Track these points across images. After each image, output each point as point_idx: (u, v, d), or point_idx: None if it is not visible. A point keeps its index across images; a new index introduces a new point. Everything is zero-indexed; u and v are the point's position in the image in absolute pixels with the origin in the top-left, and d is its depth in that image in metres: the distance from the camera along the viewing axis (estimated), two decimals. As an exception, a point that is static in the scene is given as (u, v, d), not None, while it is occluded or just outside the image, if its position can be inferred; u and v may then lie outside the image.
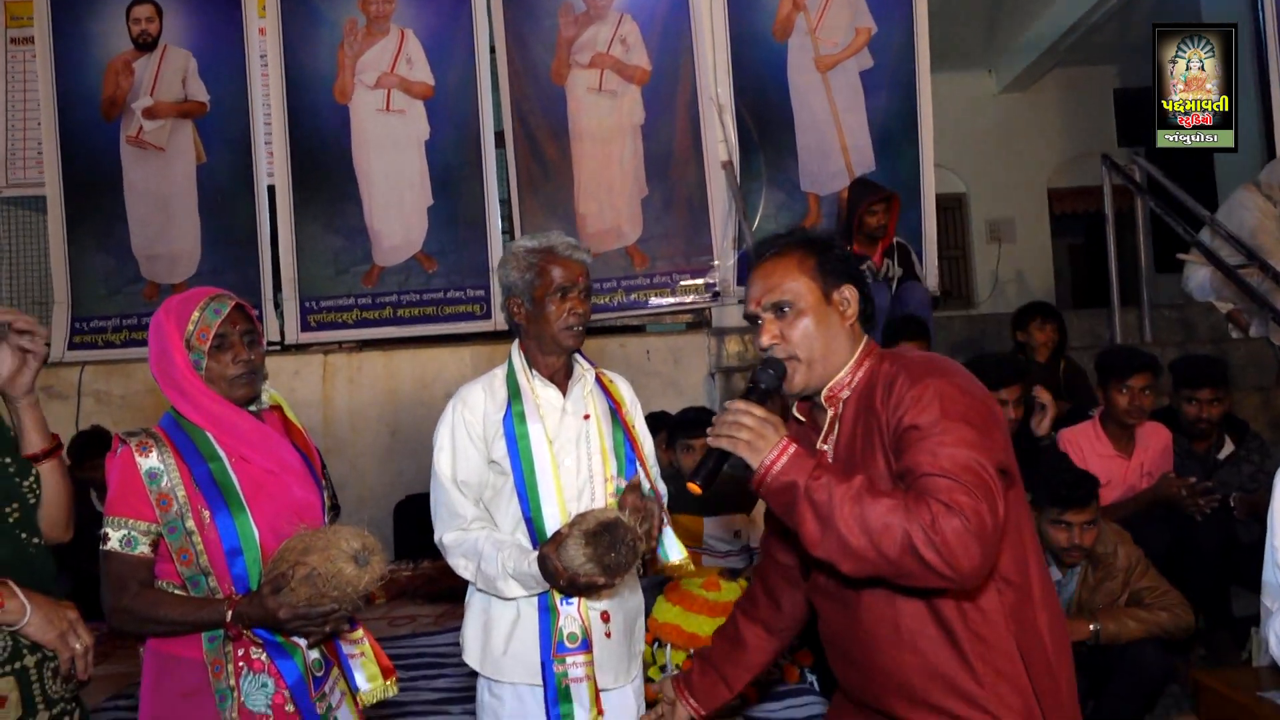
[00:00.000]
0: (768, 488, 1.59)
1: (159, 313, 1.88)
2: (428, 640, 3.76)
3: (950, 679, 1.61)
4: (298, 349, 5.45)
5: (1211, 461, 3.77)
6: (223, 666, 1.79)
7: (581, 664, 2.06)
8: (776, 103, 5.59)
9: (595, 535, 1.91)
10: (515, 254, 2.16)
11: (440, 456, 2.13)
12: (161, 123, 5.60)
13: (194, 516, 1.79)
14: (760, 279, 1.75)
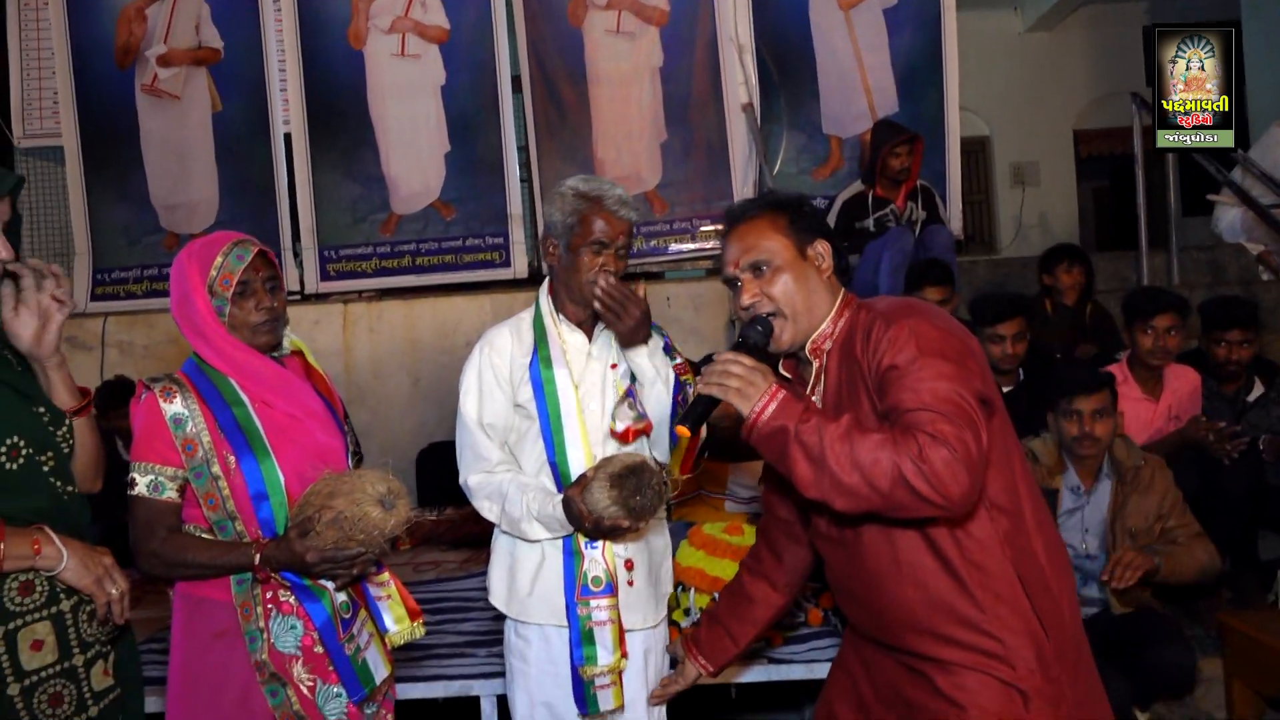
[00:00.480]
0: (759, 433, 1.63)
1: (181, 256, 1.87)
2: (452, 585, 3.78)
3: (952, 607, 1.67)
4: (318, 298, 5.45)
5: (1240, 404, 3.73)
6: (252, 609, 1.82)
7: (605, 608, 2.07)
8: (798, 43, 5.47)
9: (621, 478, 1.91)
10: (563, 194, 2.11)
11: (466, 399, 2.13)
12: (176, 70, 5.55)
13: (219, 461, 1.80)
14: (735, 242, 1.80)
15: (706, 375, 1.67)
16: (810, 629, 3.04)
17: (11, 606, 1.59)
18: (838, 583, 1.85)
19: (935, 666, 1.69)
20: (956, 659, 1.67)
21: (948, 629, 1.67)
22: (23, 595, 1.60)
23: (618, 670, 2.10)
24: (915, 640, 1.71)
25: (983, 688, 1.65)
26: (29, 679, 1.60)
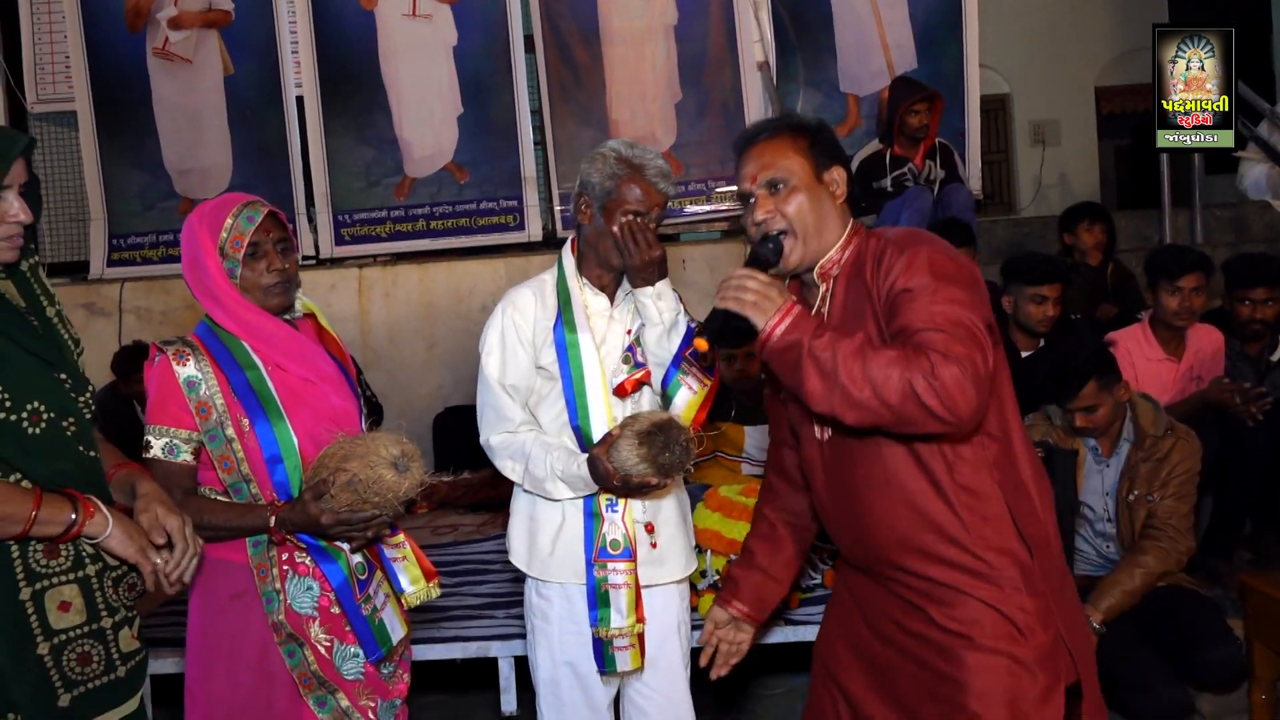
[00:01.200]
0: (773, 347, 1.66)
1: (191, 219, 1.86)
2: (470, 547, 3.80)
3: (941, 526, 1.72)
4: (332, 263, 5.44)
5: (1264, 364, 3.68)
6: (268, 570, 1.83)
7: (622, 571, 2.08)
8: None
9: (649, 435, 1.91)
10: (604, 155, 2.11)
11: (489, 359, 2.12)
12: (187, 33, 5.50)
13: (233, 424, 1.81)
14: (754, 158, 1.80)
15: (722, 289, 1.69)
16: (827, 590, 3.04)
17: (38, 568, 1.60)
18: (827, 509, 1.88)
19: (928, 597, 1.74)
20: (945, 578, 1.72)
21: (936, 547, 1.72)
22: (48, 558, 1.61)
23: (636, 633, 2.10)
24: (904, 557, 1.75)
25: (980, 616, 1.70)
26: (58, 638, 1.61)
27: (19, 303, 1.67)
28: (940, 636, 1.72)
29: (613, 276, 2.15)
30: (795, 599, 2.98)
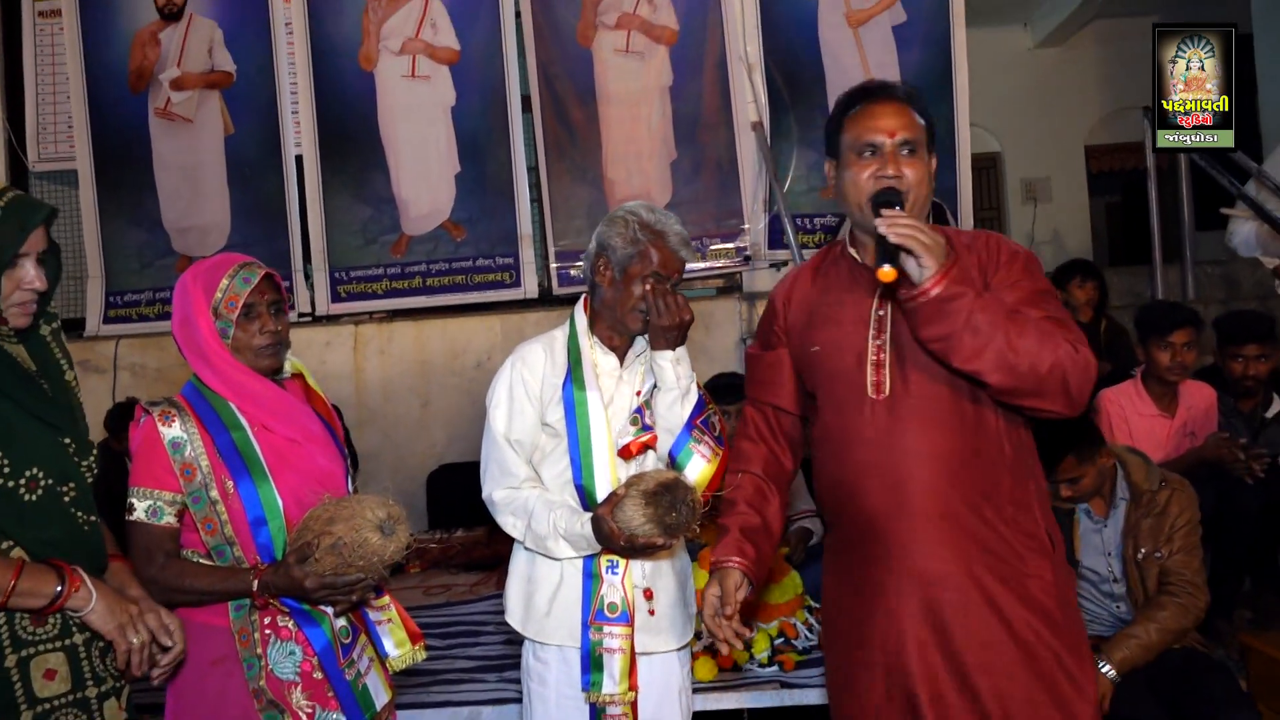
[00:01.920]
0: (939, 295, 1.61)
1: (185, 278, 1.87)
2: (463, 608, 3.77)
3: (1012, 494, 1.76)
4: (328, 320, 5.46)
5: (1258, 420, 3.67)
6: (249, 635, 1.80)
7: (618, 635, 2.05)
8: (807, 61, 5.47)
9: (655, 495, 1.89)
10: (627, 220, 2.11)
11: (496, 413, 2.11)
12: (189, 94, 5.59)
13: (218, 486, 1.79)
14: (894, 113, 1.78)
15: (893, 225, 1.62)
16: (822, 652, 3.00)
17: (24, 635, 1.58)
18: (865, 471, 1.78)
19: (1012, 569, 1.73)
20: (1020, 546, 1.74)
21: (1009, 510, 1.75)
22: (35, 626, 1.59)
23: (629, 701, 2.06)
24: (985, 508, 1.73)
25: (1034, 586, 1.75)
26: (41, 706, 1.58)
27: (29, 366, 1.68)
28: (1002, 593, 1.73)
29: (625, 338, 2.15)
30: (790, 661, 2.94)
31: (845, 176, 1.80)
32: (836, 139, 1.84)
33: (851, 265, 1.87)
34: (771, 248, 5.39)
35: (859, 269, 1.86)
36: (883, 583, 1.77)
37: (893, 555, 1.76)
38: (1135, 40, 8.81)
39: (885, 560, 1.77)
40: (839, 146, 1.83)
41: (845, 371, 1.81)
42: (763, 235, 5.39)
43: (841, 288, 1.88)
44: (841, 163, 1.82)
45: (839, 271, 1.90)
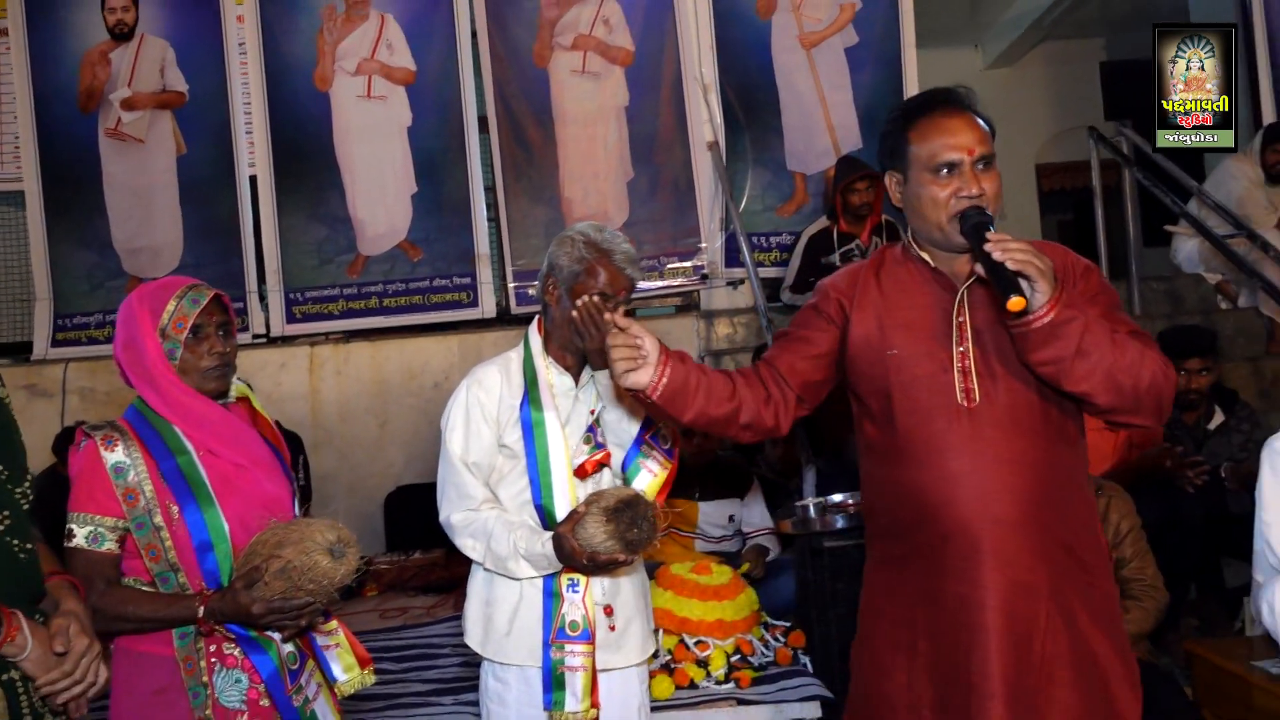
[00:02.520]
0: (1054, 320, 1.62)
1: (131, 299, 1.84)
2: (419, 631, 3.73)
3: (1078, 512, 1.79)
4: (284, 341, 5.41)
5: (1201, 432, 3.76)
6: (195, 663, 1.77)
7: (580, 654, 2.05)
8: (761, 82, 5.54)
9: (616, 512, 1.90)
10: (574, 239, 2.11)
11: (452, 436, 2.10)
12: (140, 114, 5.53)
13: (162, 512, 1.76)
14: (965, 128, 1.75)
15: (1007, 247, 1.61)
16: (779, 668, 3.02)
17: None
18: (955, 480, 1.74)
19: (1087, 581, 1.76)
20: (1091, 558, 1.78)
21: (1084, 520, 1.80)
22: None
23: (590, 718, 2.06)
24: (1069, 518, 1.75)
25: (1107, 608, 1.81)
26: None
27: None
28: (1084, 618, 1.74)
29: (577, 357, 2.15)
30: (747, 678, 2.95)
31: (921, 194, 1.77)
32: (902, 152, 1.79)
33: (922, 269, 1.84)
34: (728, 266, 5.44)
35: (932, 273, 1.82)
36: (964, 595, 1.73)
37: (982, 565, 1.72)
38: (1081, 62, 9.05)
39: (969, 571, 1.72)
40: (905, 160, 1.79)
41: (928, 378, 1.77)
42: (719, 254, 5.44)
43: (913, 291, 1.83)
44: (912, 178, 1.79)
45: (907, 275, 1.85)
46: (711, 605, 3.07)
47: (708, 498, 3.73)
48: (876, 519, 1.90)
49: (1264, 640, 2.75)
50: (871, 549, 1.92)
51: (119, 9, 5.57)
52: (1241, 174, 5.29)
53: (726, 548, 3.73)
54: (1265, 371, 4.87)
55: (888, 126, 1.84)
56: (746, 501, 3.78)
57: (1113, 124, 7.89)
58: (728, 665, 2.98)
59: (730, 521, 3.77)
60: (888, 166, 1.85)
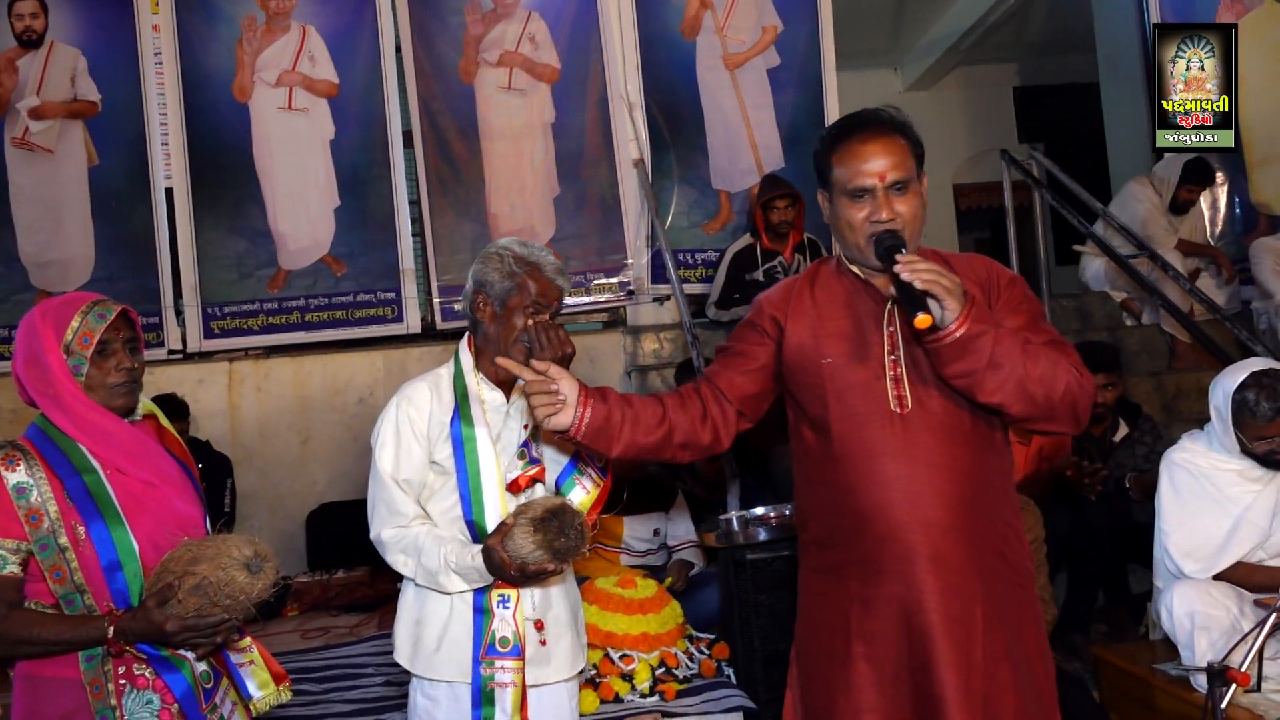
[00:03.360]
0: (964, 335, 1.67)
1: (33, 315, 1.80)
2: (342, 650, 3.67)
3: (1008, 518, 1.86)
4: (201, 357, 5.28)
5: (1107, 444, 3.91)
6: (103, 685, 1.73)
7: (510, 669, 2.04)
8: (686, 101, 5.62)
9: (544, 522, 1.90)
10: (501, 255, 2.11)
11: (382, 454, 2.08)
12: (49, 123, 5.36)
13: (67, 532, 1.72)
14: (882, 154, 1.78)
15: (913, 270, 1.65)
16: (704, 680, 3.04)
17: None
18: (888, 485, 1.78)
19: (1015, 583, 1.83)
20: (1017, 560, 1.85)
21: (1011, 525, 1.85)
22: None
23: None
24: (997, 522, 1.82)
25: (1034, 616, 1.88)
26: None
27: None
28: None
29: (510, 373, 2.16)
30: (671, 690, 2.96)
31: (840, 215, 1.83)
32: (828, 173, 1.84)
33: (853, 281, 1.89)
34: (654, 282, 5.49)
35: (862, 285, 1.87)
36: (902, 598, 1.76)
37: (918, 568, 1.75)
38: (996, 87, 9.37)
39: (906, 575, 1.76)
40: (829, 182, 1.84)
41: (861, 385, 1.81)
42: (645, 270, 5.48)
43: (845, 302, 1.88)
44: (834, 200, 1.84)
45: (840, 287, 1.90)
46: (636, 619, 3.08)
47: (632, 512, 3.75)
48: (810, 527, 1.92)
49: (1165, 643, 2.88)
50: (805, 558, 1.94)
51: (27, 15, 5.39)
52: (1145, 197, 5.51)
53: (651, 561, 3.75)
54: (1167, 386, 5.08)
55: (817, 148, 1.90)
56: (671, 515, 3.81)
57: (1025, 146, 8.20)
58: (653, 678, 2.99)
59: (655, 535, 3.79)
60: (819, 186, 1.91)
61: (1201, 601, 2.70)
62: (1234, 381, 2.74)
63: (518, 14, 5.53)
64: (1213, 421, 2.87)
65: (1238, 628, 2.60)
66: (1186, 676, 2.72)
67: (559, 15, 5.55)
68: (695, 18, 5.62)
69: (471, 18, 5.50)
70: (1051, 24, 8.14)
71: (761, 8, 5.66)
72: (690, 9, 5.61)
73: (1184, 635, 2.72)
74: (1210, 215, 5.84)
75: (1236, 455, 2.81)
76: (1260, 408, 2.67)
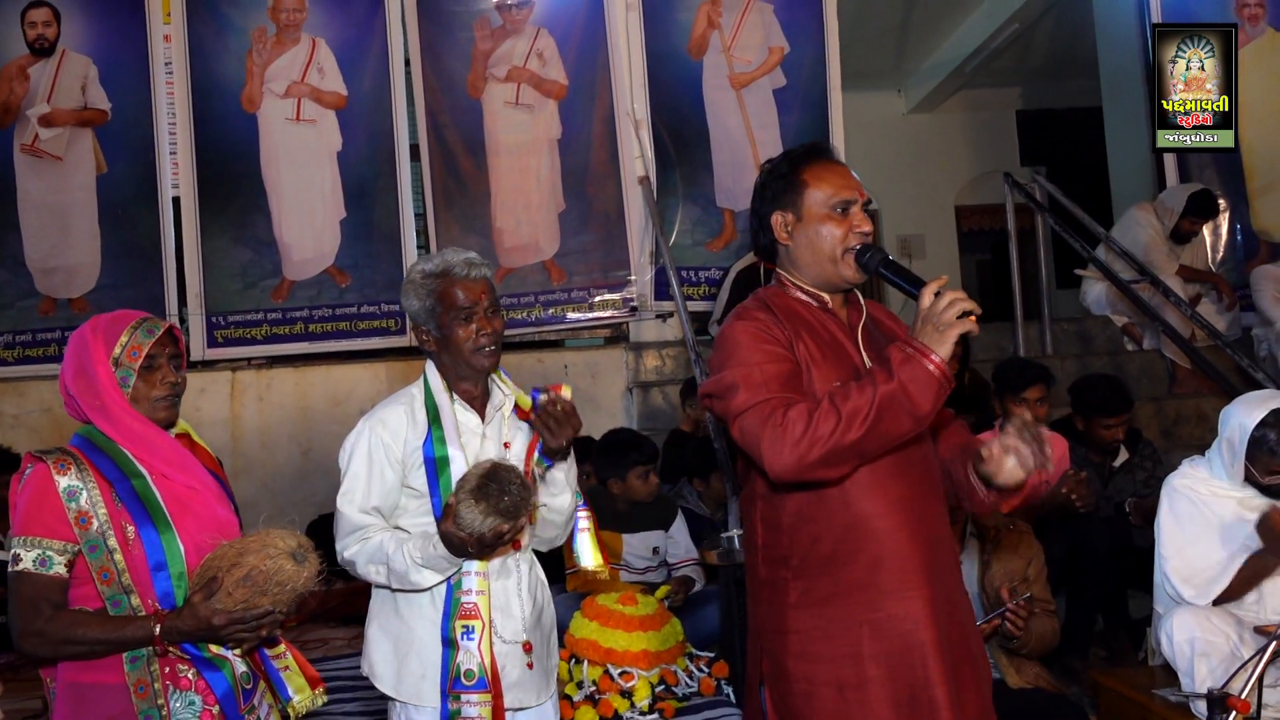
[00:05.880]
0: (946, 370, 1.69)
1: (84, 330, 1.88)
2: (340, 663, 3.67)
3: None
4: (204, 365, 5.29)
5: (1108, 469, 3.92)
6: (148, 687, 1.77)
7: (476, 703, 2.00)
8: (692, 119, 5.65)
9: (482, 488, 1.89)
10: (412, 281, 2.09)
11: (354, 483, 2.06)
12: (59, 131, 5.39)
13: (116, 534, 1.77)
14: (851, 175, 1.91)
15: (955, 300, 1.70)
16: (703, 699, 3.04)
17: None
18: (905, 508, 1.81)
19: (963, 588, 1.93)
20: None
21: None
22: None
23: None
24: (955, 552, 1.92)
25: None
26: None
27: None
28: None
29: (480, 388, 2.13)
30: (670, 708, 2.96)
31: (820, 230, 1.85)
32: (797, 193, 1.87)
33: (819, 310, 1.90)
34: (658, 299, 5.51)
35: (827, 312, 1.90)
36: (903, 614, 1.78)
37: (916, 584, 1.78)
38: (999, 110, 9.43)
39: (906, 590, 1.78)
40: (798, 200, 1.87)
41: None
42: (649, 287, 5.50)
43: (819, 330, 1.87)
44: (806, 216, 1.86)
45: (807, 314, 1.88)
46: (637, 636, 3.09)
47: (632, 529, 3.74)
48: (791, 561, 1.85)
49: (1165, 669, 2.88)
50: (782, 595, 1.86)
51: (40, 24, 5.43)
52: (1147, 223, 5.54)
53: (651, 578, 3.74)
54: (1167, 411, 5.09)
55: (776, 170, 1.93)
56: (671, 533, 3.80)
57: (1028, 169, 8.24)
58: (652, 696, 2.99)
59: (655, 554, 3.79)
60: (776, 207, 1.91)
61: (1201, 628, 2.71)
62: (1251, 418, 2.75)
63: (526, 30, 5.57)
64: (1217, 449, 2.88)
65: (1238, 655, 2.61)
66: (1186, 703, 2.72)
67: (567, 32, 5.59)
68: (703, 37, 5.66)
69: (480, 33, 5.54)
70: (1054, 49, 8.20)
71: (768, 29, 5.70)
72: (698, 28, 5.66)
73: (1184, 661, 2.72)
74: (1212, 242, 5.87)
75: (1239, 484, 2.82)
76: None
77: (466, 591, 2.03)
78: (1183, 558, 2.84)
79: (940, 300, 1.70)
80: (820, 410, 1.70)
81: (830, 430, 1.67)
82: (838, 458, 1.69)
